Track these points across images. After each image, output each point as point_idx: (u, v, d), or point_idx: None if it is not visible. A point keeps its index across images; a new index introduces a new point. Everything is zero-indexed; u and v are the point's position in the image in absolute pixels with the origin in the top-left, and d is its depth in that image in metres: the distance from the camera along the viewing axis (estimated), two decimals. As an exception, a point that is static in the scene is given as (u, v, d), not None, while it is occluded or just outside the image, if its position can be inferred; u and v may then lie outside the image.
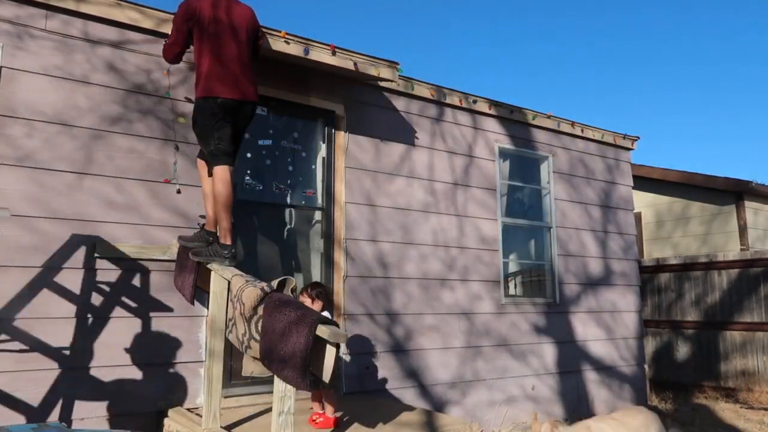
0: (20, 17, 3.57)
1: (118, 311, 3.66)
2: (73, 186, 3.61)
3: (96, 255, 3.61)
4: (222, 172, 3.48)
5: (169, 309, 3.85)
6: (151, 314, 3.78)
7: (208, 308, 3.69)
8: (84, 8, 3.75)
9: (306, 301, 3.56)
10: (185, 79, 4.11)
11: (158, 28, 4.01)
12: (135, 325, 3.72)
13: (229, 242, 3.47)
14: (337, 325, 3.19)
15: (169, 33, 3.72)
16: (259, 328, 3.06)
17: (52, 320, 3.45)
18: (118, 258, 3.69)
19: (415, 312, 5.06)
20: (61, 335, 3.47)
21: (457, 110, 5.69)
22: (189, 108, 3.94)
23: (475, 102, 5.76)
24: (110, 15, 3.85)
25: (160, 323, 3.80)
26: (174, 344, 3.83)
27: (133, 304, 3.72)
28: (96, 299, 3.61)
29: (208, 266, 3.45)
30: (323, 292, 3.66)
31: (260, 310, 3.08)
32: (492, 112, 5.91)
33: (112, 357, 3.61)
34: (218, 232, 3.54)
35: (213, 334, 3.40)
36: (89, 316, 3.57)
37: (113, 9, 3.86)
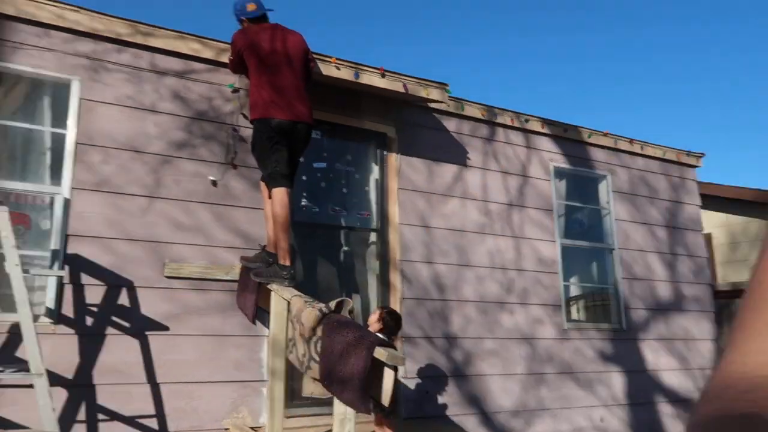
0: (96, 52, 4.15)
1: (185, 329, 4.09)
2: (145, 209, 4.10)
3: (165, 275, 4.07)
4: (280, 194, 3.88)
5: (233, 328, 4.24)
6: (216, 332, 4.18)
7: (269, 328, 4.06)
8: (151, 42, 4.31)
9: (372, 321, 3.93)
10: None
11: (218, 57, 4.53)
12: (201, 342, 4.12)
13: (288, 263, 3.84)
14: (395, 348, 3.45)
15: (230, 55, 4.26)
16: (319, 349, 3.31)
17: (122, 336, 3.91)
18: (185, 278, 4.13)
19: (474, 336, 5.32)
20: (133, 352, 3.91)
21: (509, 129, 6.04)
22: (247, 132, 4.43)
23: (527, 121, 6.09)
24: (175, 47, 4.40)
25: (224, 342, 4.20)
26: (237, 363, 4.21)
27: (199, 322, 4.14)
28: (165, 317, 4.04)
29: (269, 287, 3.81)
30: (389, 315, 4.05)
31: (319, 331, 3.33)
32: (545, 130, 6.22)
33: (179, 373, 4.01)
34: (278, 253, 3.92)
35: (274, 354, 3.73)
36: (158, 333, 4.00)
37: (177, 41, 4.41)
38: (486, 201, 5.71)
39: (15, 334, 3.50)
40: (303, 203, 4.90)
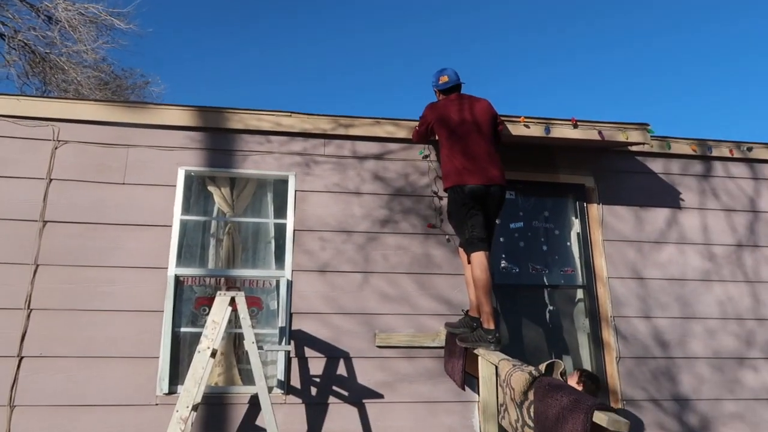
0: (307, 148, 4.63)
1: (398, 396, 4.21)
2: (356, 284, 4.38)
3: (376, 345, 4.26)
4: (478, 258, 3.85)
5: (444, 394, 4.25)
6: (427, 399, 4.23)
7: (478, 393, 3.98)
8: (352, 131, 4.68)
9: (571, 383, 3.68)
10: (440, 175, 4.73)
11: (410, 135, 4.74)
12: (415, 409, 4.20)
13: (492, 327, 3.75)
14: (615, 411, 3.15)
15: (417, 126, 4.45)
16: (532, 414, 3.17)
17: (342, 405, 4.14)
18: (395, 346, 4.28)
19: (710, 398, 4.63)
20: (353, 420, 4.11)
21: (728, 162, 5.32)
22: (443, 201, 4.52)
23: (750, 149, 5.31)
24: (372, 132, 4.72)
25: (436, 408, 4.22)
26: (450, 429, 4.19)
27: (410, 389, 4.23)
28: (379, 385, 4.21)
29: (475, 351, 3.76)
30: (588, 378, 4.01)
31: (531, 395, 3.18)
32: (776, 157, 5.35)
33: (396, 441, 4.11)
34: (481, 317, 3.86)
35: (486, 420, 3.63)
36: (374, 401, 4.16)
37: (374, 127, 4.73)
38: (708, 244, 5.05)
39: (254, 404, 3.93)
40: (503, 265, 4.80)
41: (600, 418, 2.64)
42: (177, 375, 4.04)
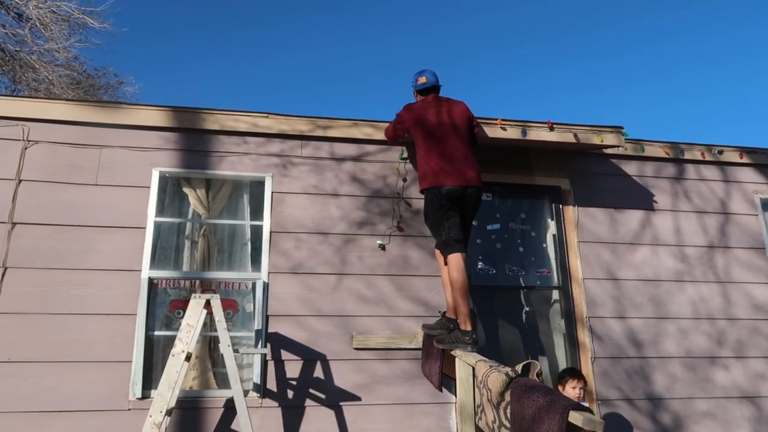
0: (284, 150, 4.60)
1: (376, 398, 4.20)
2: (333, 286, 4.37)
3: (354, 347, 4.25)
4: (455, 259, 3.86)
5: (421, 396, 4.26)
6: (405, 401, 4.23)
7: (455, 394, 4.00)
8: (330, 133, 4.67)
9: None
10: (416, 178, 4.74)
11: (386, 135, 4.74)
12: (392, 411, 4.20)
13: (469, 328, 3.77)
14: (591, 412, 3.19)
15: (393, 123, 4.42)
16: (508, 414, 3.19)
17: (319, 408, 4.12)
18: (372, 348, 4.27)
19: (682, 396, 4.71)
20: (330, 423, 4.10)
21: (700, 165, 5.43)
22: (420, 203, 4.53)
23: (721, 153, 5.43)
24: (350, 134, 4.71)
25: (413, 410, 4.23)
26: (428, 430, 4.19)
27: (388, 391, 4.22)
28: (357, 387, 4.20)
29: (452, 353, 3.78)
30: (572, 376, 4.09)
31: (507, 396, 3.21)
32: (745, 160, 5.48)
33: (374, 443, 4.10)
34: (458, 319, 3.88)
35: (463, 421, 3.65)
36: (351, 403, 4.15)
37: (352, 128, 4.72)
38: (681, 245, 5.14)
39: (230, 408, 3.90)
40: (479, 266, 4.83)
41: (575, 417, 2.66)
42: (150, 379, 3.98)
